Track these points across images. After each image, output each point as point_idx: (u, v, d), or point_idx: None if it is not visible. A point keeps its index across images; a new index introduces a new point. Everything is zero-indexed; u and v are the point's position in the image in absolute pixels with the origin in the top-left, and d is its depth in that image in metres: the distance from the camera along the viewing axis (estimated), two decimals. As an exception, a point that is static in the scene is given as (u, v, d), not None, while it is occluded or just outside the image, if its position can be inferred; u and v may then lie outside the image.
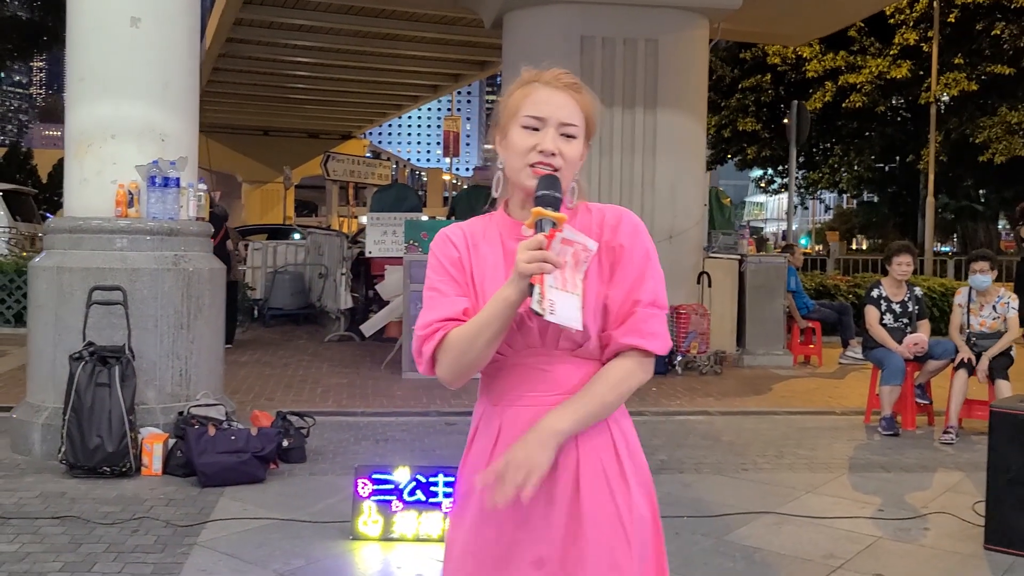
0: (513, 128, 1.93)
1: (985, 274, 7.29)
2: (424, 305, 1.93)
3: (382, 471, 4.61)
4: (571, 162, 1.90)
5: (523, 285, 1.73)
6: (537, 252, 1.70)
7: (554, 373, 1.89)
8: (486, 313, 1.80)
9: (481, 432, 1.97)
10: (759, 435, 7.10)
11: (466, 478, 1.98)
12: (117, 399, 5.47)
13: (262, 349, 11.16)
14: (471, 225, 2.01)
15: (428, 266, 1.98)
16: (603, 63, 10.43)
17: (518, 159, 1.90)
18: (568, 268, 1.76)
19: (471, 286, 1.93)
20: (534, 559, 1.88)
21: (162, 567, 4.10)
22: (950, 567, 4.39)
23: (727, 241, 11.28)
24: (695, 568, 4.28)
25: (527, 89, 1.94)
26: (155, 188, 6.05)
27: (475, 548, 1.92)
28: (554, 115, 1.90)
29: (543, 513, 1.89)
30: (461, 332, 1.84)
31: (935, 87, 24.01)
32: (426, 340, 1.87)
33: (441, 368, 1.88)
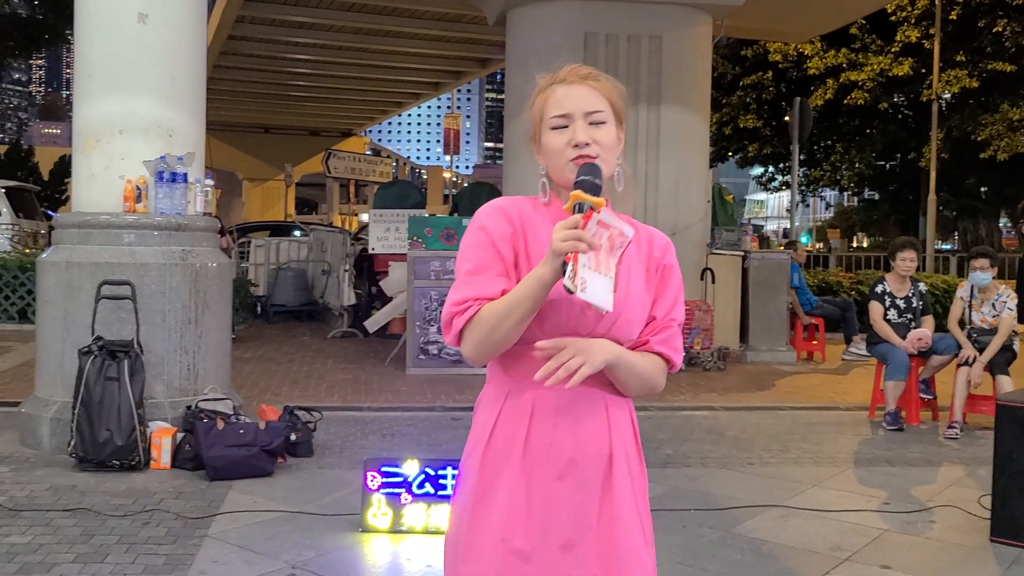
0: (544, 133, 1.96)
1: (985, 271, 7.32)
2: (460, 278, 1.91)
3: (391, 464, 4.63)
4: (607, 147, 1.93)
5: (557, 264, 1.73)
6: (572, 231, 1.71)
7: None
8: (519, 291, 1.81)
9: (506, 417, 1.93)
10: (764, 430, 7.12)
11: (490, 464, 1.94)
12: (126, 393, 5.49)
13: (266, 345, 11.18)
14: (524, 202, 2.00)
15: (469, 236, 1.94)
16: (607, 60, 10.43)
17: (557, 158, 1.94)
18: (603, 251, 1.78)
19: (520, 265, 1.91)
20: (563, 542, 1.89)
21: (174, 558, 4.13)
22: (957, 559, 4.41)
23: (730, 237, 11.30)
24: (703, 560, 4.30)
25: (546, 93, 1.98)
26: (163, 183, 6.07)
27: (508, 532, 1.90)
28: (577, 107, 1.93)
29: (575, 500, 1.90)
30: (492, 309, 1.83)
31: (937, 84, 24.03)
32: (457, 314, 1.87)
33: (467, 343, 1.87)
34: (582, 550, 1.89)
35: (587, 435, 1.91)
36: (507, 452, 1.91)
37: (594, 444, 1.91)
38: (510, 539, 1.89)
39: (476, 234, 1.93)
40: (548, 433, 1.90)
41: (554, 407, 1.90)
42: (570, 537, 1.89)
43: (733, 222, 11.95)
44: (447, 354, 9.27)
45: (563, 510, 1.89)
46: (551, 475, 1.89)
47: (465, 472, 1.98)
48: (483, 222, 1.93)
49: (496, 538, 1.90)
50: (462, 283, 1.89)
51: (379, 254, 12.01)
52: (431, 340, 9.32)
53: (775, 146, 29.06)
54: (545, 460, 1.90)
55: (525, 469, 1.90)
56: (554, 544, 1.88)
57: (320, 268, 14.06)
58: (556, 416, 1.90)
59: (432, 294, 9.32)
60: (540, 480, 1.89)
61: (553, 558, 1.88)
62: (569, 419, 1.90)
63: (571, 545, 1.89)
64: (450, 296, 1.90)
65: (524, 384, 1.91)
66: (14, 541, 4.28)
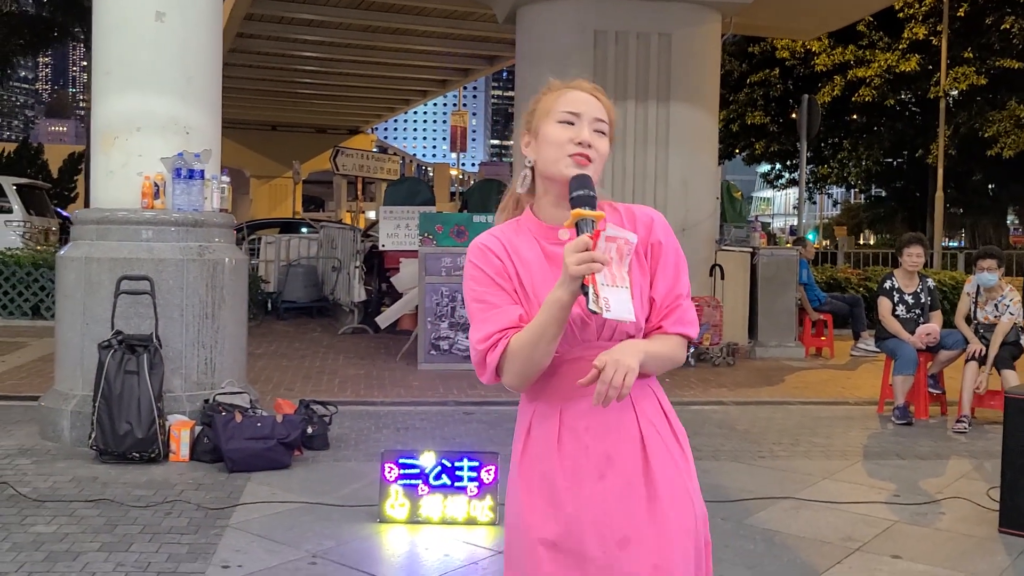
0: (547, 125, 2.02)
1: (992, 272, 7.38)
2: (475, 318, 1.98)
3: (408, 456, 4.71)
4: (602, 156, 2.01)
5: (574, 287, 1.79)
6: (585, 254, 1.76)
7: None
8: (542, 317, 1.87)
9: (537, 427, 2.01)
10: (774, 424, 7.18)
11: (528, 473, 2.01)
12: (146, 386, 5.57)
13: (277, 341, 11.26)
14: (503, 232, 2.06)
15: (469, 277, 2.02)
16: (616, 57, 10.50)
17: (555, 150, 1.98)
18: (614, 263, 1.83)
19: (520, 292, 1.99)
20: (619, 539, 1.94)
21: (197, 547, 4.21)
22: (966, 549, 4.48)
23: (739, 234, 11.36)
24: (716, 550, 4.32)
25: (559, 92, 2.06)
26: (180, 180, 6.16)
27: (558, 539, 1.95)
28: (588, 112, 2.02)
29: (623, 494, 1.95)
30: (522, 339, 1.90)
31: (944, 81, 24.03)
32: (489, 351, 1.93)
33: (508, 376, 1.94)
34: (639, 544, 1.93)
35: (616, 428, 1.97)
36: (544, 458, 1.99)
37: (625, 435, 1.97)
38: (562, 544, 1.95)
39: (473, 274, 2.01)
40: (580, 437, 1.96)
41: (580, 411, 1.96)
42: (626, 533, 1.93)
43: (742, 219, 12.01)
44: (458, 350, 9.34)
45: (613, 508, 1.94)
46: (593, 476, 1.95)
47: (511, 479, 2.07)
48: (473, 262, 2.02)
49: (547, 547, 1.96)
50: (480, 321, 1.96)
51: (389, 251, 12.10)
52: (442, 336, 9.40)
53: (782, 143, 29.06)
54: (584, 463, 1.95)
55: (567, 476, 1.96)
56: (611, 543, 1.93)
57: (330, 265, 14.14)
58: (584, 419, 1.96)
59: (443, 290, 9.40)
60: (585, 484, 1.95)
61: (612, 557, 1.93)
62: (597, 418, 1.96)
63: (627, 541, 1.93)
64: (474, 335, 1.96)
65: (548, 398, 1.99)
66: (40, 530, 4.36)
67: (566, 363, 1.96)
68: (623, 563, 1.93)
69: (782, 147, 29.36)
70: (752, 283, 10.88)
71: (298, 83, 24.86)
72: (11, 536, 4.28)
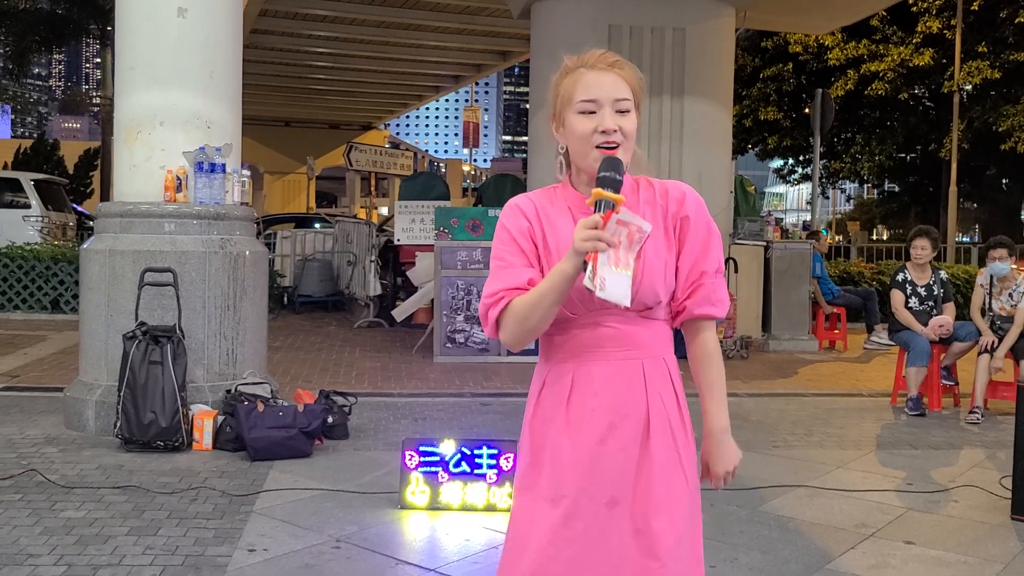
0: (569, 114, 2.05)
1: (1004, 261, 7.42)
2: (491, 273, 2.05)
3: (428, 444, 4.79)
4: (630, 135, 2.04)
5: (578, 261, 1.86)
6: (592, 232, 1.82)
7: (625, 332, 2.03)
8: (545, 284, 1.93)
9: (549, 387, 2.08)
10: (787, 415, 7.25)
11: (537, 431, 2.10)
12: (170, 376, 5.68)
13: (294, 335, 11.37)
14: (539, 196, 2.11)
15: (496, 236, 2.09)
16: (631, 52, 10.55)
17: (582, 143, 2.03)
18: (622, 248, 1.88)
19: (541, 255, 2.04)
20: (608, 500, 2.02)
21: (223, 532, 4.30)
22: (978, 536, 4.54)
23: (753, 228, 11.41)
24: (731, 536, 4.44)
25: (575, 75, 2.06)
26: (202, 174, 6.25)
27: (553, 494, 2.04)
28: (607, 95, 2.02)
29: (616, 459, 2.03)
30: (523, 300, 1.97)
31: (958, 75, 23.98)
32: (491, 306, 2.01)
33: (504, 332, 2.02)
34: (625, 506, 2.02)
35: (624, 400, 2.03)
36: (551, 418, 2.06)
37: (631, 408, 2.03)
38: (558, 500, 2.03)
39: (499, 233, 2.08)
40: (588, 400, 2.03)
41: (593, 377, 2.03)
42: (613, 495, 2.02)
43: (755, 213, 12.05)
44: (473, 342, 9.43)
45: (607, 470, 2.02)
46: (593, 439, 2.02)
47: (521, 437, 2.15)
48: (503, 221, 2.08)
49: (545, 501, 2.04)
50: (493, 278, 2.04)
51: (404, 245, 12.20)
52: (458, 329, 9.49)
53: (795, 138, 29.05)
54: (588, 425, 2.02)
55: (569, 434, 2.03)
56: (600, 502, 2.01)
57: (346, 259, 14.25)
58: (595, 384, 2.03)
59: (459, 283, 9.48)
60: (584, 444, 2.02)
61: (600, 515, 2.01)
62: (607, 386, 2.03)
63: (615, 502, 2.02)
64: (485, 289, 2.04)
65: (563, 359, 2.06)
66: (70, 515, 4.47)
67: (581, 327, 2.03)
68: (609, 523, 2.01)
69: (795, 142, 29.35)
70: (766, 277, 10.94)
71: (311, 79, 24.96)
72: (42, 520, 4.38)
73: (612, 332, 2.03)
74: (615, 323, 2.03)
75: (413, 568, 3.98)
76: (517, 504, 2.12)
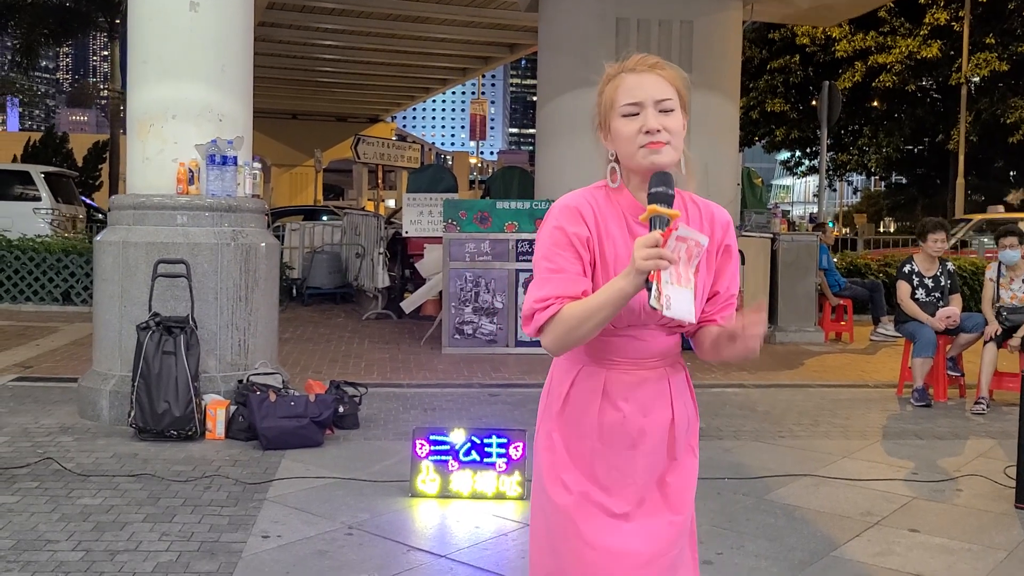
0: (614, 120, 2.06)
1: (1014, 248, 7.45)
2: (541, 275, 2.03)
3: (439, 433, 4.86)
4: (676, 133, 2.04)
5: (639, 280, 1.86)
6: (654, 250, 1.83)
7: (654, 343, 2.11)
8: (600, 299, 1.94)
9: (578, 389, 2.12)
10: (794, 406, 7.30)
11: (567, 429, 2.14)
12: (183, 366, 5.75)
13: (303, 327, 11.44)
14: (595, 197, 2.09)
15: (548, 235, 2.05)
16: (638, 45, 10.57)
17: (628, 145, 2.04)
18: (682, 263, 1.88)
19: (600, 262, 2.05)
20: (639, 499, 2.13)
21: (237, 519, 4.37)
22: (983, 524, 4.59)
23: (759, 220, 11.44)
24: (738, 523, 4.50)
25: (616, 81, 2.08)
26: (214, 166, 6.32)
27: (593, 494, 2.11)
28: (648, 96, 2.03)
29: (647, 462, 2.13)
30: (574, 310, 1.96)
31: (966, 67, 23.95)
32: (540, 310, 2.01)
33: (548, 337, 2.02)
34: (652, 504, 2.13)
35: (653, 407, 2.11)
36: (582, 420, 2.12)
37: (659, 414, 2.12)
38: (591, 496, 2.11)
39: (554, 234, 2.04)
40: (620, 405, 2.09)
41: (624, 385, 2.10)
42: (643, 495, 2.12)
43: (762, 205, 12.10)
44: (481, 334, 9.49)
45: (638, 473, 2.12)
46: (625, 445, 2.10)
47: (543, 433, 2.19)
48: (561, 222, 2.04)
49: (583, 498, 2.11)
50: (544, 280, 2.02)
51: (412, 237, 12.26)
52: (466, 320, 9.55)
53: (802, 130, 29.04)
54: (620, 432, 2.10)
55: (604, 441, 2.10)
56: (632, 501, 2.12)
57: (354, 251, 14.32)
58: (626, 392, 2.09)
59: (467, 275, 9.54)
60: (617, 450, 2.10)
61: (632, 514, 2.12)
62: (637, 395, 2.10)
63: (643, 501, 2.12)
64: (532, 292, 2.03)
65: (597, 363, 2.11)
66: (87, 502, 4.54)
67: (618, 337, 2.08)
68: (640, 518, 2.11)
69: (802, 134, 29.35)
70: (772, 268, 10.97)
71: (319, 71, 25.01)
72: (59, 508, 4.46)
73: (643, 344, 2.10)
74: (648, 336, 2.09)
75: (424, 554, 4.05)
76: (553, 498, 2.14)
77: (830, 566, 3.99)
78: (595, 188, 2.12)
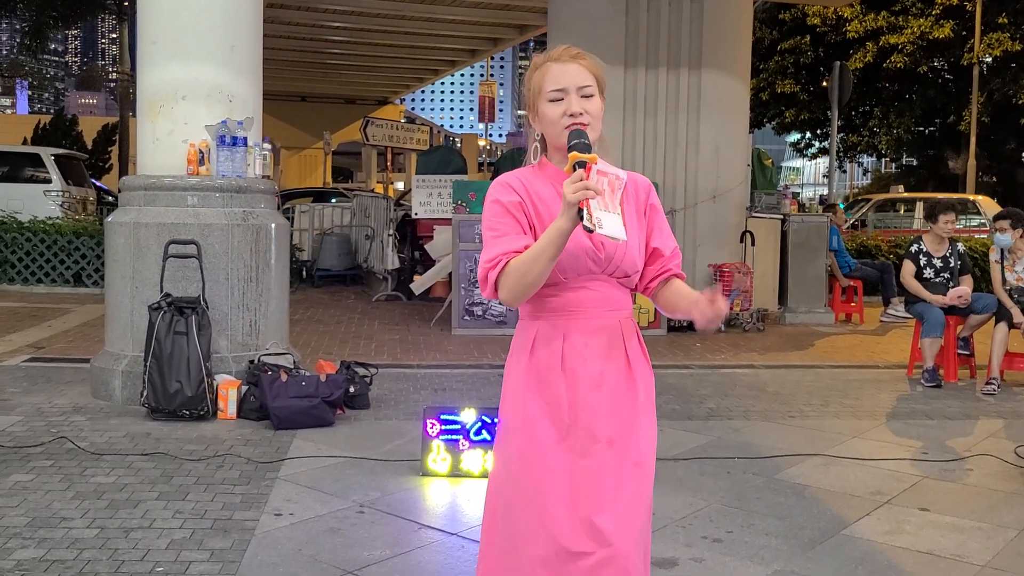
0: (541, 104, 2.30)
1: (1004, 232, 7.46)
2: (487, 243, 2.26)
3: (450, 412, 4.87)
4: (596, 116, 2.29)
5: (572, 213, 2.06)
6: (580, 183, 2.04)
7: (607, 294, 2.31)
8: (542, 242, 2.15)
9: (542, 341, 2.30)
10: (803, 386, 7.30)
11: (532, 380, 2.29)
12: (194, 347, 5.78)
13: (313, 308, 11.47)
14: (523, 173, 2.36)
15: (488, 210, 2.30)
16: (648, 24, 10.55)
17: (554, 126, 2.28)
18: (607, 194, 2.13)
19: (534, 223, 2.27)
20: (607, 439, 2.26)
21: (250, 497, 4.41)
22: (992, 503, 4.59)
23: (770, 201, 11.40)
24: (748, 502, 4.52)
25: (543, 70, 2.33)
26: (224, 147, 6.32)
27: (562, 435, 2.25)
28: (571, 82, 2.28)
29: (609, 402, 2.28)
30: (520, 259, 2.18)
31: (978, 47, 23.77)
32: (490, 269, 2.23)
33: (503, 291, 2.22)
34: (622, 444, 2.27)
35: (610, 351, 2.30)
36: (549, 365, 2.28)
37: (615, 357, 2.31)
38: (564, 439, 2.25)
39: (492, 207, 2.29)
40: (580, 351, 2.27)
41: (582, 331, 2.29)
42: (611, 434, 2.27)
43: (772, 186, 12.05)
44: (491, 315, 9.51)
45: (605, 412, 2.27)
46: (588, 386, 2.27)
47: (511, 380, 2.34)
48: (495, 196, 2.30)
49: (551, 440, 2.26)
50: (490, 245, 2.26)
51: (422, 219, 12.26)
52: (476, 302, 9.56)
53: (812, 112, 28.88)
54: (583, 374, 2.27)
55: (568, 382, 2.27)
56: (601, 441, 2.26)
57: (364, 233, 14.33)
58: (585, 338, 2.28)
59: (477, 257, 9.51)
60: (582, 392, 2.27)
61: (602, 452, 2.26)
62: (594, 341, 2.29)
63: (613, 441, 2.27)
64: (482, 257, 2.27)
65: (553, 317, 2.30)
66: (100, 481, 4.58)
67: (571, 290, 2.27)
68: (610, 459, 2.25)
69: (812, 115, 29.19)
70: (782, 250, 10.95)
71: (328, 53, 24.93)
72: (74, 486, 4.50)
73: (596, 295, 2.30)
74: (599, 287, 2.30)
75: (436, 532, 4.08)
76: (515, 445, 2.29)
77: (840, 544, 4.01)
78: (523, 169, 2.38)
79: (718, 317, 2.21)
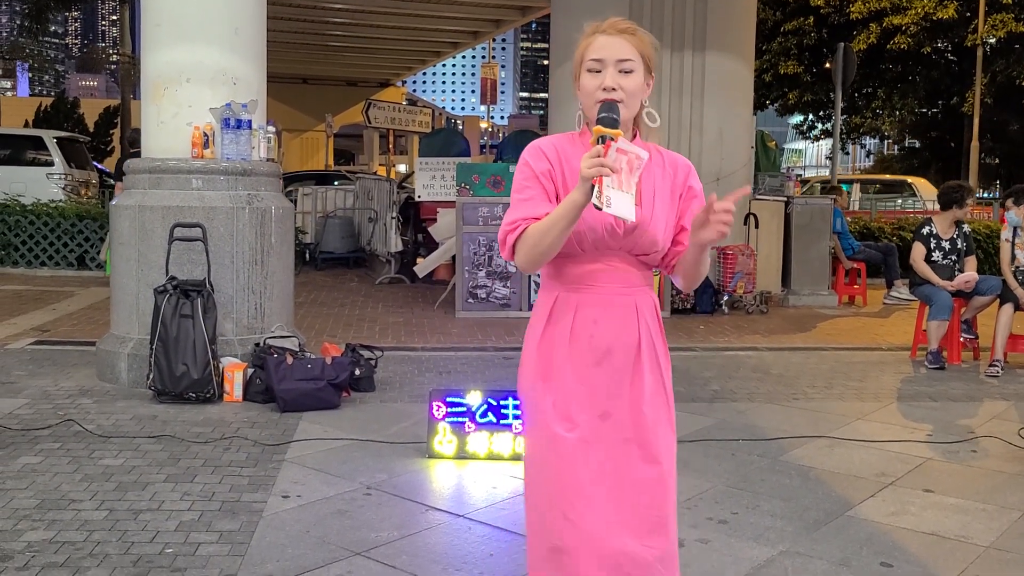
0: (582, 74, 2.30)
1: (1010, 211, 7.47)
2: (512, 204, 2.30)
3: (455, 395, 4.89)
4: (632, 92, 2.27)
5: (586, 187, 2.07)
6: (596, 159, 2.04)
7: (623, 270, 2.31)
8: (557, 212, 2.16)
9: (557, 313, 2.33)
10: (807, 368, 7.32)
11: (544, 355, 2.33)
12: (200, 329, 5.79)
13: (316, 291, 11.48)
14: (561, 140, 2.36)
15: (518, 171, 2.32)
16: (652, 6, 10.51)
17: (588, 98, 2.29)
18: (624, 173, 2.10)
19: (560, 193, 2.28)
20: (600, 413, 2.30)
21: (257, 479, 4.43)
22: (997, 484, 4.61)
23: (773, 183, 11.40)
24: (753, 484, 4.54)
25: (589, 40, 2.31)
26: (228, 130, 6.32)
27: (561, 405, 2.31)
28: (611, 55, 2.26)
29: (609, 379, 2.30)
30: (536, 227, 2.21)
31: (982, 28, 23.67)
32: (510, 232, 2.26)
33: (519, 256, 2.25)
34: (616, 418, 2.30)
35: (620, 329, 2.30)
36: (558, 345, 2.32)
37: (626, 336, 2.31)
38: (561, 408, 2.31)
39: (522, 170, 2.32)
40: (589, 327, 2.30)
41: (594, 306, 2.30)
42: (605, 409, 2.30)
43: (776, 168, 12.05)
44: (495, 298, 9.52)
45: (600, 388, 2.30)
46: (590, 362, 2.30)
47: (528, 351, 2.38)
48: (527, 159, 2.32)
49: (551, 409, 2.31)
50: (513, 208, 2.28)
51: (425, 201, 12.25)
52: (479, 284, 9.57)
53: (815, 93, 28.79)
54: (587, 349, 2.30)
55: (572, 356, 2.31)
56: (594, 415, 2.30)
57: (367, 216, 14.32)
58: (596, 313, 2.30)
59: (480, 239, 9.54)
60: (583, 365, 2.30)
61: (595, 425, 2.30)
62: (606, 316, 2.30)
63: (607, 415, 2.30)
64: (504, 219, 2.29)
65: (570, 288, 2.32)
66: (108, 463, 4.60)
67: (588, 263, 2.29)
68: (603, 431, 2.29)
69: (815, 97, 29.09)
70: (786, 232, 10.95)
71: (329, 35, 24.85)
72: (82, 468, 4.52)
73: (613, 270, 2.30)
74: (617, 262, 2.30)
75: (442, 514, 4.10)
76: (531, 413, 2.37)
77: (845, 526, 4.03)
78: (563, 135, 2.38)
79: (722, 220, 2.14)
